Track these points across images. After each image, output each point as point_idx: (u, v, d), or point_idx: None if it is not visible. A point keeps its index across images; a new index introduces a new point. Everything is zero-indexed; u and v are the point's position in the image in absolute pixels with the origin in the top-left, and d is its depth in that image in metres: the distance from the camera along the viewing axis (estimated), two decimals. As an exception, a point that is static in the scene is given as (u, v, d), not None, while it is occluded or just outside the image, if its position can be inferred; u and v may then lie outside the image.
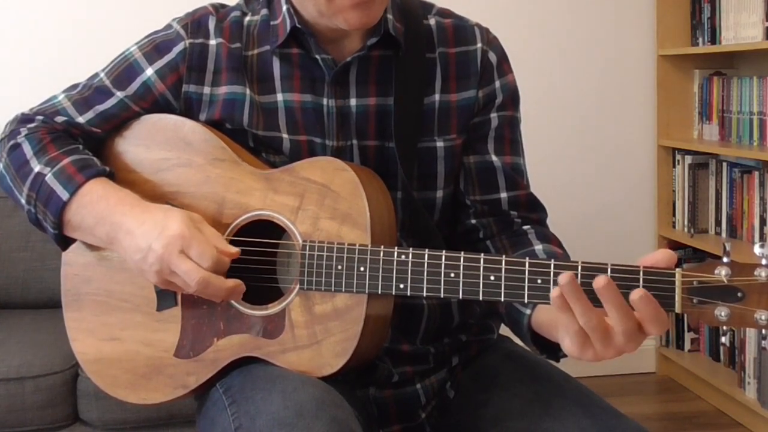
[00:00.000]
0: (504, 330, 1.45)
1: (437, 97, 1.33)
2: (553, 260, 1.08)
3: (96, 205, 1.25)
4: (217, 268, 1.18)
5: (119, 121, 1.34)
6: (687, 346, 3.28)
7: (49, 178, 1.26)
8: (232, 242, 1.24)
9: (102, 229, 1.25)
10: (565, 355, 1.21)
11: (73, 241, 1.32)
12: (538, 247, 1.30)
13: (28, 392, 2.22)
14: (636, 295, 1.01)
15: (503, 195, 1.36)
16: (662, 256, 1.05)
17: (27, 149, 1.30)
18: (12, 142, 1.32)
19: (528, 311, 1.21)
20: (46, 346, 2.31)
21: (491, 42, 1.37)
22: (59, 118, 1.33)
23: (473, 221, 1.36)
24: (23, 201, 1.29)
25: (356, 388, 1.31)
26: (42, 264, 2.68)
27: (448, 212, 1.37)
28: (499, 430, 1.24)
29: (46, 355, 2.28)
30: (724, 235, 3.08)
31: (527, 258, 1.09)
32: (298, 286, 1.20)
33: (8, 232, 2.70)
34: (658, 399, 3.20)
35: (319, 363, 1.18)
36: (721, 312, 1.00)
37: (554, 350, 1.21)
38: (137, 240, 1.20)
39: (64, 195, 1.25)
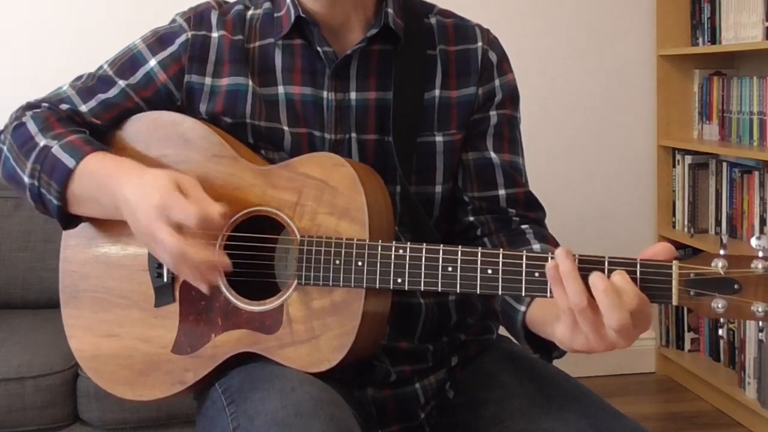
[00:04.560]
0: (504, 330, 1.45)
1: (437, 92, 1.34)
2: (550, 254, 1.08)
3: (96, 176, 1.24)
4: (206, 226, 1.15)
5: (120, 111, 1.34)
6: (687, 346, 3.27)
7: (56, 149, 1.26)
8: (231, 238, 1.24)
9: (106, 198, 1.24)
10: (558, 356, 1.21)
11: (77, 221, 1.32)
12: (536, 246, 1.30)
13: (28, 392, 2.22)
14: (594, 278, 1.02)
15: (501, 192, 1.36)
16: (661, 249, 1.05)
17: (32, 126, 1.31)
18: (16, 123, 1.33)
19: (522, 308, 1.20)
20: (46, 346, 2.31)
21: (492, 42, 1.39)
22: (63, 106, 1.34)
23: (471, 218, 1.36)
24: (26, 177, 1.28)
25: (354, 388, 1.31)
26: (42, 264, 2.68)
27: (447, 209, 1.37)
28: (499, 430, 1.24)
29: (46, 355, 2.27)
30: (724, 235, 3.08)
31: (524, 251, 1.09)
32: (296, 281, 1.20)
33: (8, 232, 2.70)
34: (658, 399, 3.20)
35: (317, 358, 1.18)
36: (718, 304, 1.00)
37: (547, 349, 1.21)
38: (133, 210, 1.19)
39: (70, 162, 1.25)
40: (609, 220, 3.33)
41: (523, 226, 1.36)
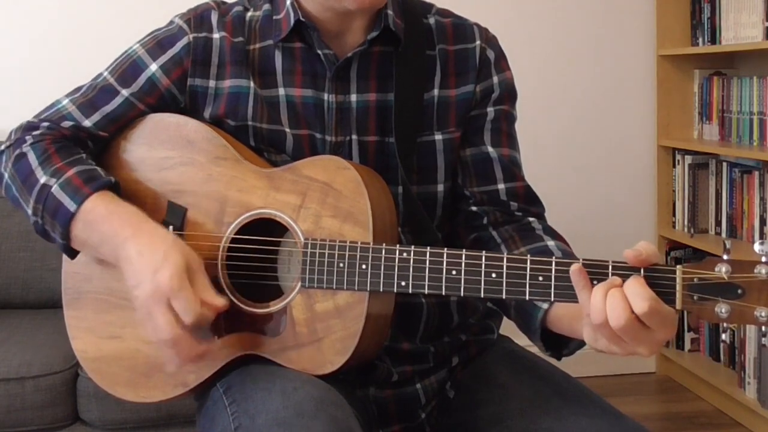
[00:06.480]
0: (504, 330, 1.45)
1: (436, 92, 1.34)
2: (554, 257, 1.08)
3: (101, 224, 1.23)
4: (199, 323, 1.16)
5: (126, 121, 1.33)
6: (687, 346, 3.28)
7: (56, 189, 1.25)
8: (234, 241, 1.24)
9: (106, 249, 1.23)
10: (568, 354, 1.21)
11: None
12: (551, 243, 1.29)
13: (28, 392, 2.22)
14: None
15: (501, 186, 1.36)
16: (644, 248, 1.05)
17: (32, 159, 1.29)
18: (17, 152, 1.31)
19: (545, 305, 1.19)
20: (46, 346, 2.31)
21: (490, 40, 1.39)
22: (66, 123, 1.32)
23: (474, 208, 1.36)
24: (30, 212, 1.28)
25: (356, 388, 1.31)
26: (42, 264, 2.68)
27: (450, 208, 1.37)
28: (499, 430, 1.24)
29: (46, 355, 2.27)
30: (724, 235, 3.08)
31: (528, 255, 1.10)
32: (299, 284, 1.20)
33: (8, 232, 2.70)
34: (658, 399, 3.21)
35: (319, 361, 1.18)
36: (722, 309, 1.01)
37: (558, 347, 1.21)
38: (134, 270, 1.18)
39: (71, 206, 1.24)
40: (609, 221, 3.33)
41: (530, 219, 1.36)
